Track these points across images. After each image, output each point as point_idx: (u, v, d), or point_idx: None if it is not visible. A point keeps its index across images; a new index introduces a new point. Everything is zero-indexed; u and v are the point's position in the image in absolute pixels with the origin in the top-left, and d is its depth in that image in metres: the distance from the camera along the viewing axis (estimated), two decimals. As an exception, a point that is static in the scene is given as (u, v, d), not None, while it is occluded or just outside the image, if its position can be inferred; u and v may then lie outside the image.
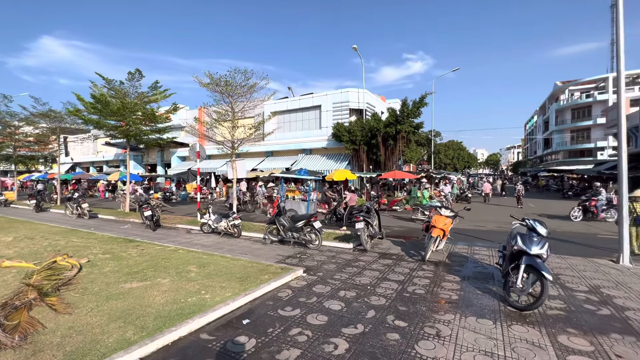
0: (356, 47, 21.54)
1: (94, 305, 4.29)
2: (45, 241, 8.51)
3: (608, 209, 12.46)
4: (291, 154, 24.34)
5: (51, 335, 3.50)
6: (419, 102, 19.02)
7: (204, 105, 12.49)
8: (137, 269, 5.92)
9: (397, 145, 19.72)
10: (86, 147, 36.91)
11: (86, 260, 6.46)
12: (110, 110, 13.64)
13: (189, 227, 11.25)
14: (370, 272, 6.02)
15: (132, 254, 7.11)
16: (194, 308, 4.17)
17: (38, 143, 21.99)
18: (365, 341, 3.45)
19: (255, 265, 6.24)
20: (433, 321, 3.94)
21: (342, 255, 7.33)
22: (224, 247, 8.21)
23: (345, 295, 4.81)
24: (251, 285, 5.06)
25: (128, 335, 3.47)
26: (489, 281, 5.46)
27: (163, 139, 17.33)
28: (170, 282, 5.18)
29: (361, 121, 20.93)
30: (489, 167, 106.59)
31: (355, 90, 22.55)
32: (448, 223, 6.94)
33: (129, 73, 13.84)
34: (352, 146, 20.59)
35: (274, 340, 3.50)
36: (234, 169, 11.93)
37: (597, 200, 12.74)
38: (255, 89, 11.55)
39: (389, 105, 22.35)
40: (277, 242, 8.79)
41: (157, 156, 31.76)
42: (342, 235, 9.21)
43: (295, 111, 24.52)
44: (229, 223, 9.63)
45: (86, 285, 5.08)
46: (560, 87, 47.43)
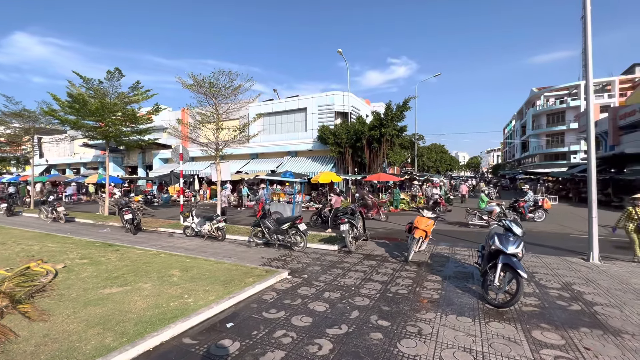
0: (341, 51, 21.78)
1: (71, 311, 4.15)
2: (17, 246, 8.14)
3: (535, 210, 13.33)
4: (277, 156, 24.28)
5: (24, 343, 3.37)
6: (403, 106, 19.41)
7: (187, 106, 12.30)
8: (117, 274, 5.76)
9: (382, 148, 20.04)
10: (62, 149, 35.54)
11: (62, 265, 6.23)
12: (88, 110, 13.22)
13: (171, 231, 11.02)
14: (354, 273, 6.09)
15: (112, 258, 6.91)
16: (176, 312, 4.11)
17: (10, 144, 20.95)
18: (349, 341, 3.50)
19: (240, 268, 6.19)
20: (415, 320, 4.04)
21: (327, 257, 7.37)
22: (208, 251, 8.09)
23: (330, 297, 4.85)
24: (235, 288, 5.02)
25: (107, 342, 3.39)
26: (469, 280, 5.64)
27: (144, 140, 16.93)
28: (151, 287, 5.07)
29: (346, 124, 21.14)
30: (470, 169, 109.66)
31: (341, 93, 22.78)
32: (430, 224, 7.12)
33: (108, 72, 13.47)
34: (338, 149, 20.76)
35: (259, 342, 3.50)
36: (218, 172, 11.79)
37: (525, 201, 13.74)
38: (240, 90, 11.47)
39: (373, 109, 22.76)
40: (262, 244, 8.75)
41: (138, 158, 30.94)
42: (327, 237, 9.26)
43: (280, 113, 24.49)
44: (213, 226, 9.51)
45: (62, 291, 4.90)
46: (536, 93, 49.50)
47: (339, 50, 21.82)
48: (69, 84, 13.29)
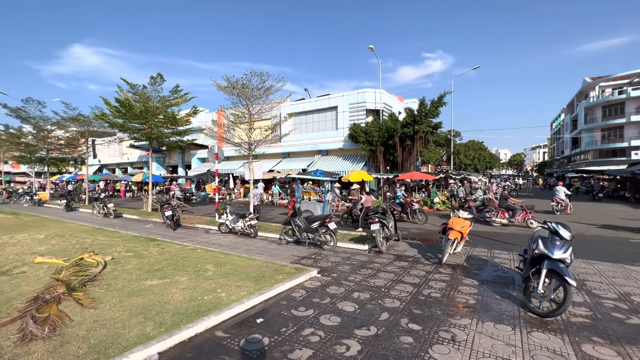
0: (373, 48, 21.40)
1: (117, 300, 4.48)
2: (73, 239, 8.96)
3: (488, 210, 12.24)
4: (308, 155, 24.47)
5: (77, 328, 3.69)
6: (438, 102, 18.66)
7: (221, 107, 12.78)
8: (158, 267, 6.13)
9: (415, 146, 19.43)
10: (112, 150, 38.57)
11: (110, 257, 6.75)
12: (133, 114, 14.22)
13: (207, 227, 11.53)
14: (385, 274, 5.96)
15: (153, 252, 7.37)
16: (210, 306, 4.27)
17: (68, 146, 23.20)
18: (377, 343, 3.43)
19: (271, 265, 6.32)
20: (448, 325, 3.85)
21: (356, 257, 7.29)
22: (241, 247, 8.36)
23: (359, 297, 4.79)
24: (266, 285, 5.13)
25: (147, 330, 3.61)
26: (509, 286, 5.28)
27: (183, 141, 17.87)
28: (188, 280, 5.33)
29: (378, 122, 20.77)
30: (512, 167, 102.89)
31: (372, 90, 22.41)
32: (466, 225, 6.77)
33: (151, 77, 14.38)
34: (369, 147, 20.46)
35: (287, 339, 3.53)
36: (250, 170, 12.13)
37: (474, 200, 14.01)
38: (272, 91, 11.70)
39: (406, 106, 22.08)
40: (293, 242, 8.86)
41: (178, 158, 32.76)
42: (357, 236, 9.16)
43: (311, 112, 24.64)
44: (246, 223, 9.80)
45: (110, 281, 5.31)
46: (590, 84, 45.15)
47: (371, 47, 21.46)
48: (118, 90, 14.37)
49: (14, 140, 23.02)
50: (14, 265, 6.22)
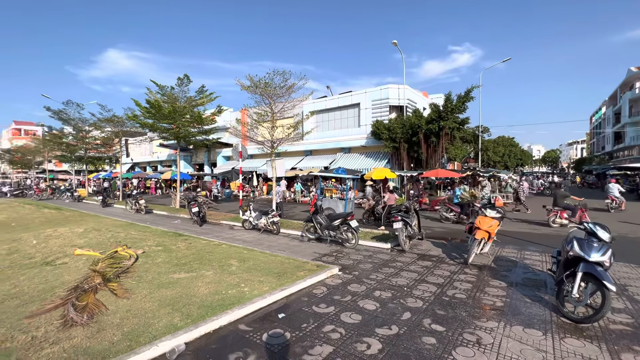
0: (396, 42, 20.97)
1: (147, 292, 4.71)
2: (109, 233, 9.52)
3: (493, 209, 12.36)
4: (330, 152, 24.46)
5: (112, 316, 3.92)
6: (465, 97, 18.00)
7: (245, 106, 13.04)
8: (185, 261, 6.38)
9: (440, 143, 18.88)
10: (143, 149, 40.49)
11: (142, 251, 7.11)
12: (162, 114, 14.84)
13: (231, 224, 11.85)
14: (407, 273, 5.86)
15: (181, 247, 7.68)
16: (233, 300, 4.40)
17: (104, 145, 24.63)
18: (399, 343, 3.38)
19: (292, 261, 6.39)
20: (474, 327, 3.73)
21: (379, 255, 7.22)
22: (264, 243, 8.51)
23: (381, 296, 4.74)
24: (287, 281, 5.20)
25: (175, 321, 3.77)
26: (540, 289, 5.02)
27: (209, 139, 18.43)
28: (213, 274, 5.51)
29: (401, 118, 20.38)
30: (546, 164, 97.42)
31: (396, 86, 22.00)
32: (494, 225, 6.50)
33: (179, 79, 14.93)
34: (392, 144, 20.13)
35: (308, 335, 3.57)
36: (273, 168, 12.31)
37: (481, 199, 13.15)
38: (294, 89, 11.79)
39: (431, 101, 21.50)
40: (314, 240, 8.91)
41: (204, 156, 33.84)
42: (379, 235, 9.07)
43: (333, 110, 24.58)
44: (269, 220, 9.97)
45: (141, 274, 5.59)
46: (635, 74, 41.71)
47: (394, 42, 21.04)
48: (147, 91, 15.05)
49: (57, 141, 24.78)
50: (57, 256, 6.70)
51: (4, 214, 13.67)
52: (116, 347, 3.21)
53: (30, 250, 7.21)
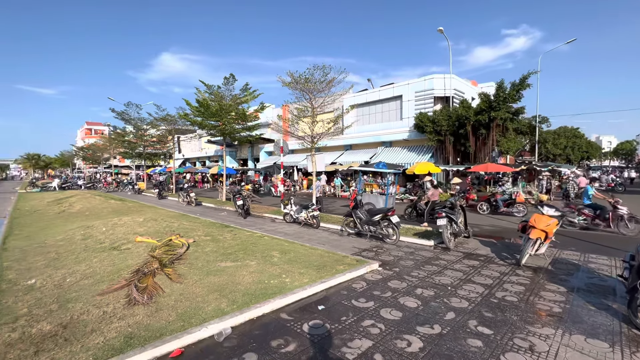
0: (442, 30, 19.86)
1: (198, 278, 5.07)
2: (164, 223, 10.37)
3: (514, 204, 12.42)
4: (370, 146, 24.07)
5: (168, 298, 4.29)
6: (520, 84, 16.53)
7: (286, 102, 13.30)
8: (231, 251, 6.74)
9: (491, 135, 17.60)
10: (193, 145, 43.30)
11: (192, 240, 7.65)
12: (210, 112, 15.71)
13: (273, 217, 12.25)
14: (452, 272, 5.60)
15: (227, 237, 8.12)
16: (275, 289, 4.56)
17: (159, 142, 26.81)
18: (442, 343, 3.26)
19: (332, 255, 6.44)
20: (526, 333, 3.46)
21: (421, 252, 6.99)
22: (304, 237, 8.69)
23: (423, 294, 4.59)
24: (327, 274, 5.26)
25: (222, 306, 4.02)
26: (608, 296, 4.50)
27: (252, 135, 19.14)
28: (256, 264, 5.76)
29: (447, 110, 19.33)
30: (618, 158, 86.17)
31: (441, 76, 20.89)
32: (552, 224, 5.94)
33: (225, 78, 15.66)
34: (437, 137, 19.21)
35: (347, 328, 3.59)
36: (313, 163, 12.45)
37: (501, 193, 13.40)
38: (334, 83, 11.75)
39: (481, 90, 20.02)
40: (354, 234, 8.88)
41: (248, 151, 35.25)
42: (422, 231, 8.76)
43: (374, 103, 24.08)
44: (309, 214, 10.14)
45: (192, 261, 6.03)
46: None
47: (440, 29, 19.94)
48: (197, 91, 16.01)
49: (120, 139, 27.51)
50: (122, 242, 7.47)
51: (79, 204, 15.54)
52: (172, 326, 3.51)
53: (100, 236, 8.13)
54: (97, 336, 3.27)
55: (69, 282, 4.92)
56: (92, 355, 2.94)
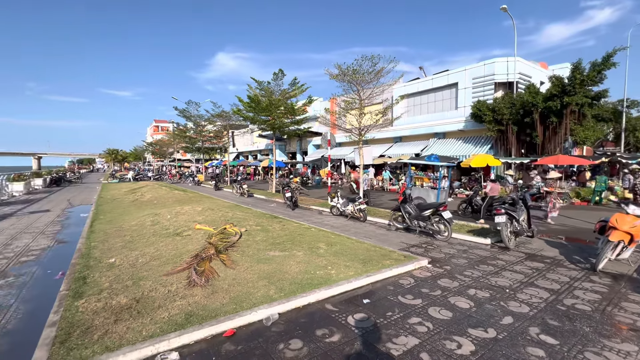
0: (506, 8, 18.01)
1: (249, 265, 5.37)
2: (219, 212, 11.14)
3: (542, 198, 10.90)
4: (421, 138, 23.01)
5: (222, 282, 4.62)
6: (602, 64, 14.36)
7: (333, 95, 13.27)
8: (279, 241, 7.00)
9: (564, 123, 15.63)
10: (246, 139, 45.57)
11: (244, 229, 8.11)
12: (261, 108, 16.35)
13: (320, 209, 12.42)
14: (511, 273, 5.15)
15: (276, 228, 8.45)
16: (321, 280, 4.64)
17: (216, 137, 28.73)
18: (497, 348, 3.03)
19: (379, 249, 6.34)
20: (601, 347, 3.05)
21: (475, 251, 6.54)
22: (350, 230, 8.67)
23: (476, 295, 4.30)
24: (373, 268, 5.19)
25: (271, 293, 4.20)
26: None
27: (300, 129, 19.53)
28: (303, 255, 5.90)
29: (510, 96, 17.60)
30: None
31: (504, 59, 19.03)
32: (638, 226, 5.11)
33: (274, 73, 16.12)
34: (497, 127, 17.63)
35: (392, 324, 3.52)
36: (360, 156, 12.30)
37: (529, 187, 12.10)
38: (383, 73, 11.41)
39: (552, 73, 17.79)
40: (402, 229, 8.62)
41: (296, 145, 36.08)
42: (478, 229, 8.18)
43: (426, 92, 22.88)
44: (356, 207, 10.08)
45: (244, 249, 6.39)
46: None
47: (504, 7, 18.10)
48: (248, 87, 16.76)
49: (182, 135, 30.09)
50: (184, 229, 8.21)
51: (149, 194, 17.40)
52: (225, 307, 3.78)
53: (166, 223, 9.02)
54: (163, 311, 3.66)
55: (141, 262, 5.56)
56: (159, 328, 3.30)
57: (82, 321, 3.44)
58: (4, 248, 7.01)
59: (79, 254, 6.17)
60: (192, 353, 3.04)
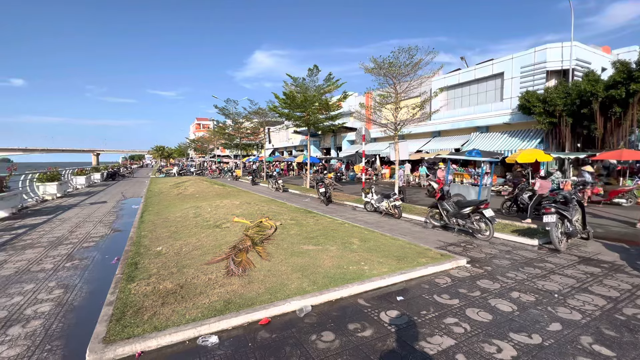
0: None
1: (283, 257, 5.51)
2: (255, 206, 11.52)
3: None
4: (462, 133, 21.90)
5: (258, 273, 4.79)
6: (677, 45, 12.59)
7: (369, 89, 13.05)
8: (313, 235, 7.09)
9: (629, 113, 13.98)
10: (281, 135, 46.46)
11: (279, 223, 8.32)
12: (296, 104, 16.57)
13: (354, 205, 12.35)
14: (560, 277, 4.76)
15: (310, 222, 8.56)
16: (354, 275, 4.63)
17: (253, 134, 29.66)
18: (542, 356, 2.83)
19: (414, 247, 6.18)
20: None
21: (520, 252, 6.13)
22: (384, 226, 8.53)
23: (520, 298, 4.04)
24: (407, 265, 5.08)
25: (304, 286, 4.29)
26: None
27: (335, 125, 19.49)
28: (336, 250, 5.93)
29: (565, 85, 16.08)
30: None
31: (558, 45, 17.43)
32: None
33: (309, 69, 16.22)
34: (548, 119, 16.23)
35: (427, 323, 3.43)
36: (396, 151, 12.01)
37: None
38: (420, 65, 10.99)
39: (617, 58, 15.93)
40: (439, 227, 8.32)
41: (330, 141, 36.10)
42: (523, 228, 7.65)
43: (468, 84, 21.68)
44: (390, 204, 9.89)
45: (278, 242, 6.57)
46: None
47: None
48: (284, 84, 17.04)
49: (221, 132, 31.45)
50: (223, 221, 8.62)
51: (192, 188, 18.48)
52: (261, 297, 3.93)
53: (207, 215, 9.53)
54: (204, 298, 3.89)
55: (184, 251, 5.95)
56: (200, 313, 3.52)
57: (134, 302, 3.77)
58: (70, 234, 7.87)
59: (131, 242, 6.75)
60: (230, 338, 3.20)
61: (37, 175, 15.11)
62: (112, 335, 3.10)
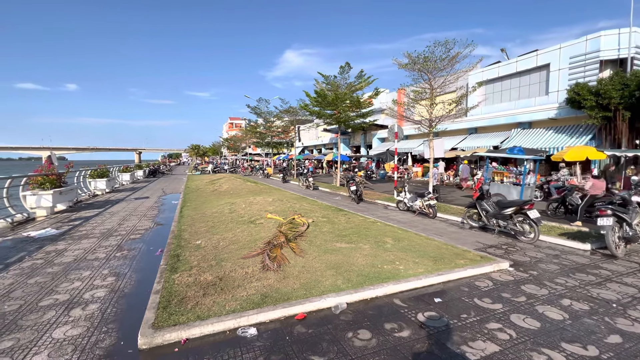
0: (617, -31, 14.92)
1: (316, 254, 5.55)
2: (288, 203, 11.71)
3: None
4: (501, 129, 20.71)
5: (292, 269, 4.87)
6: None
7: (402, 86, 12.74)
8: (345, 233, 7.07)
9: (700, 106, 12.44)
10: (311, 133, 46.78)
11: (311, 220, 8.38)
12: (327, 102, 16.57)
13: (386, 203, 12.15)
14: (619, 286, 4.36)
15: (342, 220, 8.54)
16: (388, 275, 4.56)
17: (283, 132, 30.14)
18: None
19: (450, 248, 5.96)
20: None
21: (570, 257, 5.69)
22: (418, 226, 8.31)
23: (572, 306, 3.75)
24: (445, 267, 4.91)
25: (338, 283, 4.29)
26: None
27: (366, 122, 19.26)
28: (369, 248, 5.87)
29: (622, 76, 14.63)
30: None
31: (614, 32, 15.88)
32: None
33: (341, 67, 16.14)
34: (602, 113, 14.85)
35: (468, 327, 3.29)
36: (431, 149, 11.63)
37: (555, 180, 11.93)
38: (457, 59, 10.52)
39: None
40: (477, 228, 7.95)
41: (360, 138, 35.74)
42: (573, 232, 7.10)
43: (508, 77, 20.44)
44: (424, 203, 9.60)
45: (311, 239, 6.62)
46: None
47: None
48: (315, 82, 17.10)
49: (253, 130, 32.29)
50: (257, 218, 8.86)
51: (226, 185, 19.17)
52: (296, 292, 3.98)
53: (241, 211, 9.84)
54: (242, 290, 4.02)
55: (222, 245, 6.19)
56: (239, 305, 3.64)
57: (178, 292, 3.98)
58: (119, 227, 8.49)
59: (172, 235, 7.14)
60: (268, 330, 3.29)
61: (89, 172, 16.47)
62: (159, 321, 3.30)
